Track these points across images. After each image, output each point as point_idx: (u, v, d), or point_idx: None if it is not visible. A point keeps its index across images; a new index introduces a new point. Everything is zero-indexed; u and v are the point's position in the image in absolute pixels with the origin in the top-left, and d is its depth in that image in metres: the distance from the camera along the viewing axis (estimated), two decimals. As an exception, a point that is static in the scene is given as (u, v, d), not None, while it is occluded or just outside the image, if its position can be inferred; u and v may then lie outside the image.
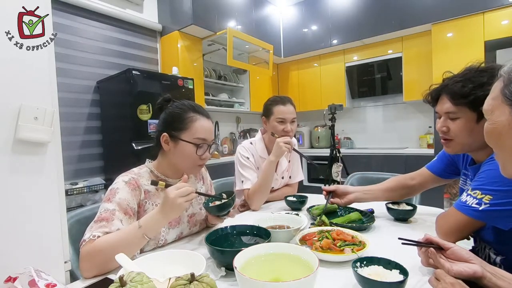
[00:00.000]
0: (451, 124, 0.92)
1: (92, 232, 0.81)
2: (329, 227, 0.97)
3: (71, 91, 2.64)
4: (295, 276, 0.55)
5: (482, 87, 0.83)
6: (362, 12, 3.71)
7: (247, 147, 1.60)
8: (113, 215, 0.85)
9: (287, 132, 1.52)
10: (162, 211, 0.84)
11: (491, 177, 0.81)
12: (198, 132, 0.99)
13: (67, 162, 2.53)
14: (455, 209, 0.85)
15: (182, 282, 0.52)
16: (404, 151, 3.46)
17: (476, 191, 0.82)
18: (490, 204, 0.77)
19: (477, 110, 0.85)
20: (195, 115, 1.00)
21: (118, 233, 0.82)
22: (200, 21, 3.11)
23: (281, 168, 1.64)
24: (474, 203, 0.80)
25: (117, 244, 0.79)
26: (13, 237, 0.77)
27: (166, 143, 1.00)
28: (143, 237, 0.82)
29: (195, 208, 1.13)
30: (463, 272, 0.59)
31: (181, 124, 0.99)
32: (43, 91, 0.82)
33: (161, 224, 0.86)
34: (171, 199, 0.82)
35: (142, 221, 0.83)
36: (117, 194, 0.90)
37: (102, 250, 0.77)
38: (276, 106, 1.55)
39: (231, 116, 4.27)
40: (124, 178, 0.95)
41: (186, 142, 0.98)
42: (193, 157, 0.99)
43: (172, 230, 1.03)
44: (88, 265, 0.78)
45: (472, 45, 3.03)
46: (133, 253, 0.84)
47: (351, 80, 4.12)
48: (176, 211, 0.85)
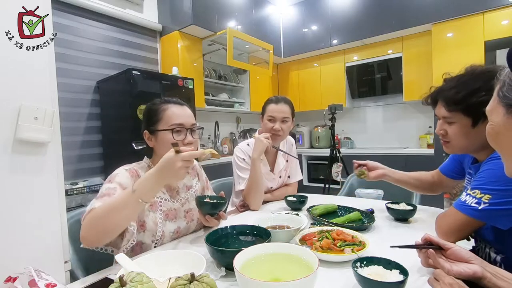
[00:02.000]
0: (448, 128, 0.94)
1: (93, 205, 0.82)
2: (329, 227, 0.97)
3: (71, 91, 2.64)
4: (295, 276, 0.55)
5: (476, 94, 0.84)
6: (362, 12, 3.71)
7: (244, 148, 1.58)
8: (115, 191, 0.87)
9: (276, 131, 1.51)
10: (159, 172, 0.80)
11: (490, 176, 0.81)
12: (172, 118, 1.02)
13: (67, 162, 2.52)
14: (455, 208, 0.86)
15: (182, 282, 0.52)
16: (404, 151, 3.47)
17: (475, 191, 0.82)
18: (489, 204, 0.78)
19: (471, 115, 0.87)
20: (165, 105, 1.04)
21: (112, 198, 0.82)
22: (200, 21, 3.11)
23: (278, 167, 1.64)
24: (474, 202, 0.81)
25: (109, 208, 0.78)
26: (13, 237, 0.77)
27: (149, 140, 1.04)
28: (138, 202, 0.79)
29: (192, 203, 1.13)
30: (463, 273, 0.59)
31: (155, 117, 1.03)
32: (43, 91, 0.82)
33: (156, 187, 0.82)
34: (172, 160, 0.78)
35: (136, 185, 0.80)
36: (117, 177, 0.93)
37: (98, 216, 0.78)
38: (269, 104, 1.55)
39: (231, 116, 4.27)
40: (125, 167, 0.99)
41: (162, 131, 1.01)
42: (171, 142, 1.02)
43: (169, 222, 1.03)
44: (87, 233, 0.79)
45: (472, 45, 3.03)
46: (128, 221, 0.83)
47: (351, 80, 4.12)
48: (174, 174, 0.80)
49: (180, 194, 1.11)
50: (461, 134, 0.91)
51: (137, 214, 0.86)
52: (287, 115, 1.54)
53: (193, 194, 1.16)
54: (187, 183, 1.15)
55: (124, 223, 0.82)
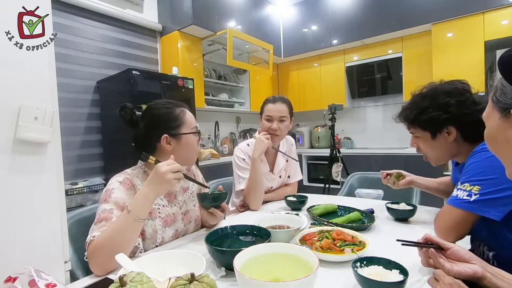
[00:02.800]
0: (418, 142, 1.07)
1: (92, 233, 0.82)
2: (329, 227, 0.97)
3: (71, 91, 2.64)
4: (295, 276, 0.55)
5: (425, 112, 0.98)
6: (362, 12, 3.71)
7: (244, 149, 1.58)
8: (111, 214, 0.86)
9: (274, 130, 1.52)
10: (150, 185, 0.85)
11: (476, 168, 0.85)
12: (192, 122, 1.07)
13: (67, 162, 2.53)
14: (448, 205, 0.88)
15: (182, 282, 0.52)
16: (404, 151, 3.46)
17: (465, 184, 0.86)
18: (479, 194, 0.80)
19: (427, 129, 1.00)
20: (181, 109, 1.06)
21: (111, 226, 0.82)
22: (200, 21, 3.11)
23: (278, 167, 1.64)
24: (465, 195, 0.84)
25: (112, 235, 0.80)
26: (13, 237, 0.77)
27: (168, 144, 1.02)
28: (136, 221, 0.82)
29: (189, 205, 1.13)
30: (463, 273, 0.59)
31: (177, 121, 1.04)
32: (43, 91, 0.82)
33: (150, 201, 0.86)
34: (162, 173, 0.83)
35: (130, 206, 0.83)
36: (112, 194, 0.91)
37: (101, 246, 0.78)
38: (266, 104, 1.56)
39: (231, 116, 4.27)
40: (118, 178, 0.97)
41: (187, 134, 1.04)
42: (196, 145, 1.08)
43: (168, 228, 1.04)
44: (94, 263, 0.79)
45: (472, 45, 3.03)
46: (133, 242, 0.84)
47: (351, 80, 4.12)
48: (165, 185, 0.86)
49: (177, 198, 1.10)
50: (427, 146, 1.04)
51: (139, 232, 0.87)
52: (284, 114, 1.54)
53: (189, 195, 1.16)
54: (184, 185, 1.15)
55: (130, 245, 0.83)
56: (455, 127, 0.95)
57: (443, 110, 0.94)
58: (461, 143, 0.97)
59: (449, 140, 0.97)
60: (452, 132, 0.96)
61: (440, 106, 0.95)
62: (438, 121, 0.96)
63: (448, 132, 0.96)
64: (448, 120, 0.95)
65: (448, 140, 0.97)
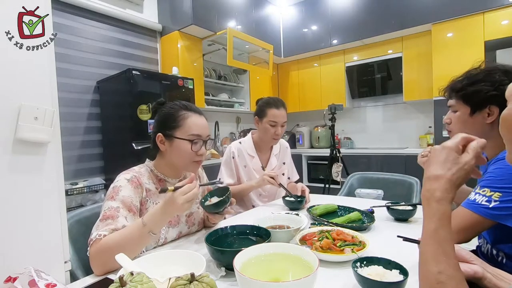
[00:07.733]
0: (452, 117, 1.00)
1: (98, 231, 0.82)
2: (329, 227, 0.97)
3: (71, 91, 2.64)
4: (295, 276, 0.55)
5: (476, 83, 0.91)
6: (362, 12, 3.71)
7: (236, 146, 1.67)
8: (118, 212, 0.86)
9: (278, 136, 1.60)
10: (166, 212, 0.84)
11: (499, 175, 0.81)
12: (191, 128, 1.00)
13: (67, 162, 2.53)
14: (464, 208, 0.84)
15: (182, 282, 0.52)
16: (404, 151, 3.46)
17: (485, 189, 0.81)
18: (500, 201, 0.77)
19: (469, 103, 0.93)
20: (186, 113, 1.01)
21: (123, 232, 0.82)
22: (200, 21, 3.11)
23: (271, 166, 1.71)
24: (484, 200, 0.80)
25: (123, 242, 0.80)
26: (13, 237, 0.77)
27: (162, 143, 1.01)
28: (149, 235, 0.83)
29: (193, 208, 1.13)
30: (463, 273, 0.59)
31: (174, 123, 1.00)
32: (43, 91, 0.82)
33: (165, 222, 0.88)
34: (178, 205, 0.82)
35: (146, 219, 0.83)
36: (120, 192, 0.91)
37: (109, 248, 0.78)
38: (270, 108, 1.59)
39: (231, 116, 4.27)
40: (126, 176, 0.96)
41: (180, 139, 0.99)
42: (188, 153, 1.00)
43: (171, 229, 1.04)
44: (97, 263, 0.80)
45: (472, 45, 3.03)
46: (139, 251, 0.85)
47: (351, 80, 4.12)
48: (180, 212, 0.87)
49: None
50: (460, 121, 0.97)
51: (149, 243, 0.89)
52: (286, 119, 1.62)
53: None
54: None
55: (138, 252, 0.85)
56: (499, 109, 0.88)
57: (494, 87, 0.88)
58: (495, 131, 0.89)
59: (486, 122, 0.91)
60: (494, 113, 0.90)
61: (493, 82, 0.89)
62: (484, 96, 0.90)
63: (489, 113, 0.91)
64: (495, 99, 0.88)
65: (486, 121, 0.91)
